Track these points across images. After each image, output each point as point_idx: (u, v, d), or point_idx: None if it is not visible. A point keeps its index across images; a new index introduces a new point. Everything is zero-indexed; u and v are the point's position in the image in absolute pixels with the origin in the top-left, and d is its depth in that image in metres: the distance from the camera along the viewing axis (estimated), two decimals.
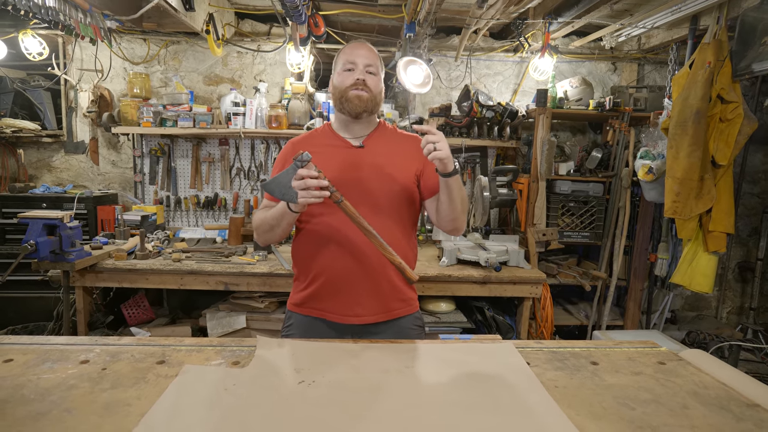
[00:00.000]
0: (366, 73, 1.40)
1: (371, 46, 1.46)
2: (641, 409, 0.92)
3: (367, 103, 1.40)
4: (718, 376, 1.09)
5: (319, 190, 1.21)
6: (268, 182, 1.25)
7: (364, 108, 1.40)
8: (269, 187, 1.25)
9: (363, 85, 1.39)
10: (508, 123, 3.23)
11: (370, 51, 1.44)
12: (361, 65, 1.40)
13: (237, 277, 2.51)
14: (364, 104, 1.40)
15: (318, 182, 1.20)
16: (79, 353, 1.11)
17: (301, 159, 1.21)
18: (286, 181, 1.23)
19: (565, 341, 1.31)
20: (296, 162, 1.21)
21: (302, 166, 1.21)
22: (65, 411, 0.86)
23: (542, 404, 0.93)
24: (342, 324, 1.41)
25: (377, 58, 1.45)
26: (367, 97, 1.39)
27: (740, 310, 3.78)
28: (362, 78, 1.39)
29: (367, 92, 1.39)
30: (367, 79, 1.39)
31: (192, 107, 3.14)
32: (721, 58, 2.36)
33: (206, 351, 1.15)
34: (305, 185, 1.20)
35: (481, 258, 2.56)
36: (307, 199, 1.20)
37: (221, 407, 0.89)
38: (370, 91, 1.40)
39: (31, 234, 2.05)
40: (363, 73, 1.39)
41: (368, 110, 1.42)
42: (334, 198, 1.23)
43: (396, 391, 0.97)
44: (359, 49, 1.42)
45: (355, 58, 1.40)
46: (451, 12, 2.89)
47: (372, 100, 1.41)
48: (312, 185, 1.20)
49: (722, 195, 2.47)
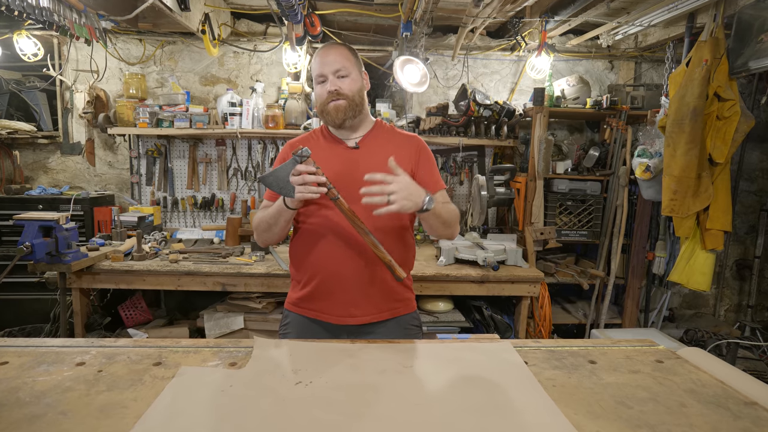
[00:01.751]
0: (337, 79, 1.37)
1: (339, 46, 1.42)
2: (639, 408, 0.92)
3: (345, 111, 1.38)
4: (715, 374, 1.08)
5: (316, 186, 1.20)
6: (266, 175, 1.26)
7: (344, 116, 1.38)
8: (267, 181, 1.26)
9: (336, 95, 1.36)
10: (505, 122, 3.23)
11: (338, 53, 1.39)
12: (330, 74, 1.37)
13: (234, 277, 2.50)
14: (344, 113, 1.38)
15: (316, 178, 1.20)
16: (74, 355, 1.10)
17: (300, 154, 1.21)
18: (284, 175, 1.23)
19: (563, 340, 1.31)
20: (295, 157, 1.21)
21: (301, 161, 1.21)
22: (61, 414, 0.85)
23: (540, 403, 0.92)
24: (338, 325, 1.41)
25: (347, 56, 1.40)
26: (344, 105, 1.37)
27: (738, 308, 3.79)
28: (334, 89, 1.36)
29: (343, 99, 1.37)
30: (339, 87, 1.36)
31: (188, 108, 3.13)
32: (718, 56, 2.36)
33: (203, 352, 1.14)
34: (303, 180, 1.20)
35: (479, 257, 2.56)
36: (303, 194, 1.20)
37: (218, 409, 0.88)
38: (346, 97, 1.37)
39: (26, 236, 2.04)
40: (334, 83, 1.36)
41: (349, 116, 1.39)
42: (331, 195, 1.23)
43: (394, 392, 0.96)
44: (326, 57, 1.38)
45: (323, 69, 1.37)
46: (448, 11, 2.88)
47: (350, 106, 1.38)
48: (309, 180, 1.19)
49: (719, 193, 2.47)
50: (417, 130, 3.22)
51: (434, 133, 3.22)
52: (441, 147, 3.33)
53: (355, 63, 1.42)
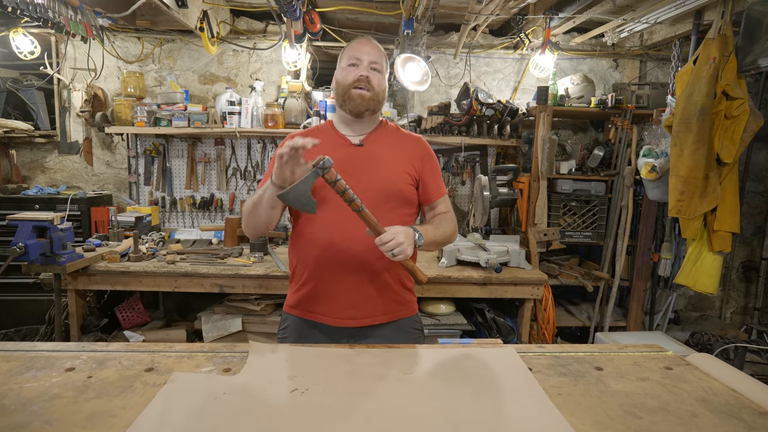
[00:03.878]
0: (370, 69, 1.37)
1: (377, 44, 1.44)
2: (648, 418, 0.89)
3: (369, 102, 1.37)
4: (726, 381, 1.05)
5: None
6: (286, 192, 1.17)
7: (366, 107, 1.38)
8: (288, 198, 1.17)
9: (366, 82, 1.36)
10: (508, 121, 3.19)
11: (376, 48, 1.42)
12: (365, 61, 1.37)
13: (232, 279, 2.47)
14: (366, 103, 1.37)
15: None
16: (65, 360, 1.08)
17: (322, 166, 1.13)
18: (305, 189, 1.15)
19: (568, 345, 1.28)
20: (316, 169, 1.14)
21: (323, 174, 1.14)
22: (46, 423, 0.83)
23: (545, 414, 0.89)
24: (337, 327, 1.39)
25: (383, 56, 1.43)
26: (369, 96, 1.37)
27: (744, 310, 3.74)
28: (365, 74, 1.36)
29: (369, 91, 1.37)
30: (370, 77, 1.37)
31: (187, 106, 3.11)
32: (726, 54, 2.32)
33: (197, 357, 1.11)
34: None
35: (482, 259, 2.52)
36: None
37: (210, 417, 0.85)
38: (373, 89, 1.37)
39: (20, 236, 2.01)
40: (367, 70, 1.37)
41: (370, 109, 1.40)
42: (354, 207, 1.18)
43: (393, 400, 0.93)
44: (365, 46, 1.40)
45: (360, 54, 1.38)
46: (450, 8, 2.85)
47: (374, 99, 1.38)
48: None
49: (727, 193, 2.43)
50: (418, 130, 3.18)
51: (436, 133, 3.19)
52: (443, 146, 3.30)
53: (386, 65, 1.45)
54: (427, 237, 1.31)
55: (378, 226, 1.22)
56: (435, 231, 1.37)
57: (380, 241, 1.20)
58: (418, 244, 1.28)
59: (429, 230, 1.34)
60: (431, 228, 1.37)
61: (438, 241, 1.39)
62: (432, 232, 1.35)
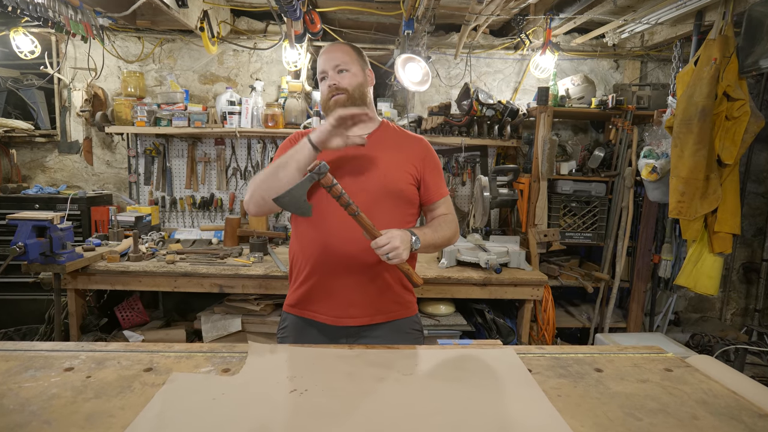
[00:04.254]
0: (337, 74, 1.39)
1: (340, 44, 1.46)
2: (648, 420, 0.89)
3: (344, 105, 1.38)
4: (727, 383, 1.05)
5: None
6: (281, 196, 1.20)
7: None
8: (282, 201, 1.20)
9: (336, 89, 1.39)
10: (508, 122, 3.19)
11: (338, 49, 1.42)
12: (330, 70, 1.40)
13: (232, 279, 2.47)
14: (342, 106, 1.37)
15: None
16: (63, 360, 1.07)
17: (318, 171, 1.15)
18: (300, 194, 1.18)
19: (568, 346, 1.28)
20: (312, 174, 1.16)
21: (319, 179, 1.16)
22: (44, 423, 0.83)
23: (545, 415, 0.89)
24: (335, 326, 1.39)
25: (347, 52, 1.42)
26: (343, 99, 1.39)
27: (744, 312, 3.74)
28: (334, 83, 1.39)
29: (342, 93, 1.39)
30: (338, 81, 1.39)
31: (187, 106, 3.11)
32: (728, 55, 2.31)
33: (196, 357, 1.11)
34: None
35: (482, 259, 2.52)
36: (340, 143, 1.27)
37: (208, 418, 0.85)
38: (346, 91, 1.39)
39: (20, 236, 2.01)
40: (333, 77, 1.39)
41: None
42: (350, 211, 1.20)
43: (392, 401, 0.93)
44: (327, 54, 1.42)
45: (325, 66, 1.41)
46: (450, 8, 2.85)
47: (350, 100, 1.39)
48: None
49: (728, 195, 2.42)
50: (419, 130, 3.18)
51: (436, 133, 3.19)
52: (443, 147, 3.30)
53: (357, 59, 1.43)
54: (424, 240, 1.32)
55: (374, 230, 1.22)
56: (433, 234, 1.37)
57: (376, 244, 1.21)
58: (414, 247, 1.28)
59: (427, 234, 1.35)
60: (429, 231, 1.37)
61: (436, 244, 1.39)
62: (430, 235, 1.35)
